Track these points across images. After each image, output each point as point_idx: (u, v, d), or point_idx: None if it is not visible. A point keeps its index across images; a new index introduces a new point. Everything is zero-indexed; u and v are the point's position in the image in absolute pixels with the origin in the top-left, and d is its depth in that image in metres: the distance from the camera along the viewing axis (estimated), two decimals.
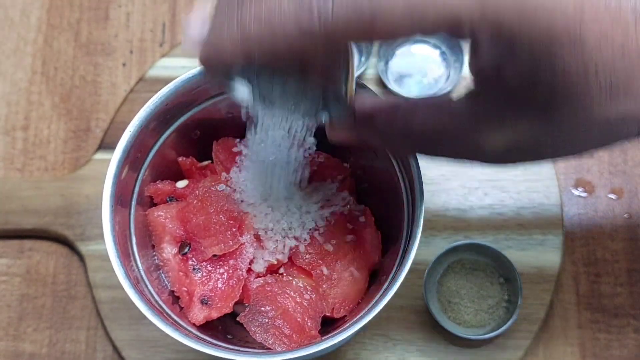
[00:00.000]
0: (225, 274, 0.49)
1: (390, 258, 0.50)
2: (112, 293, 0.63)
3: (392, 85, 0.68)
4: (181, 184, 0.53)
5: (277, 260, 0.50)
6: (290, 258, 0.50)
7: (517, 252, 0.64)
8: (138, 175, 0.50)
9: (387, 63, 0.70)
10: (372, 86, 0.70)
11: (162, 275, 0.51)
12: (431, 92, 0.69)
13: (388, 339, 0.63)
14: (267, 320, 0.47)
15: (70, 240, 0.66)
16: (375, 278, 0.53)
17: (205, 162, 0.54)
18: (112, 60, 0.74)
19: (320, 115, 0.43)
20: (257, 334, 0.47)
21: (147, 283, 0.48)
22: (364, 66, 0.69)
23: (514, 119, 0.33)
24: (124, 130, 0.47)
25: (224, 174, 0.53)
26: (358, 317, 0.45)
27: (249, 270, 0.50)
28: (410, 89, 0.70)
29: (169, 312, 0.48)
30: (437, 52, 0.71)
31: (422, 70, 0.70)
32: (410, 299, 0.64)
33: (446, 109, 0.36)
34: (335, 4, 0.30)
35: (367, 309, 0.46)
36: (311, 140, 0.55)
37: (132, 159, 0.48)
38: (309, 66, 0.35)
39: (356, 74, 0.67)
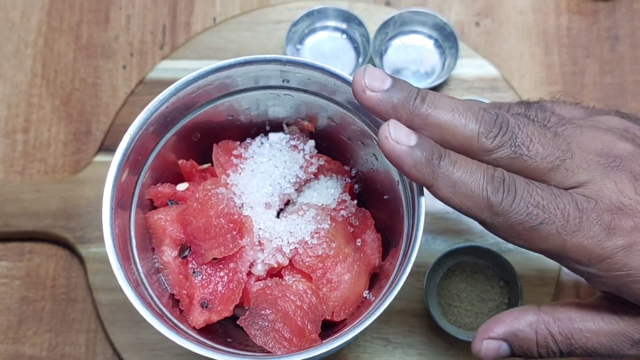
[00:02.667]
0: (226, 277, 0.49)
1: (391, 261, 0.50)
2: (112, 296, 0.63)
3: None
4: (181, 186, 0.53)
5: (278, 263, 0.50)
6: (290, 261, 0.50)
7: (518, 255, 0.64)
8: (138, 178, 0.50)
9: (382, 58, 0.71)
10: None
11: (162, 278, 0.51)
12: (429, 81, 0.70)
13: (388, 342, 0.63)
14: (267, 324, 0.47)
15: (70, 243, 0.66)
16: (375, 281, 0.53)
17: (206, 165, 0.54)
18: (113, 63, 0.74)
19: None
20: (257, 337, 0.47)
21: (147, 286, 0.48)
22: None
23: None
24: (124, 132, 0.47)
25: (224, 176, 0.52)
26: (358, 320, 0.45)
27: (249, 274, 0.50)
28: (408, 81, 0.70)
29: (169, 316, 0.48)
30: (431, 42, 0.72)
31: (416, 61, 0.71)
32: (411, 302, 0.64)
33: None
34: (516, 202, 0.40)
35: (367, 312, 0.45)
36: (311, 142, 0.55)
37: (133, 161, 0.48)
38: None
39: (354, 74, 0.68)
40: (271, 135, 0.55)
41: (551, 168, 0.42)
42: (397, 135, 0.41)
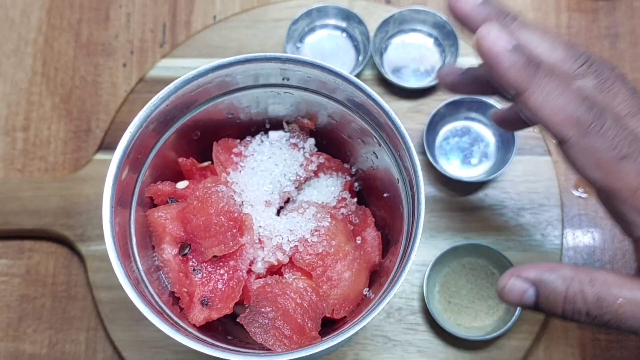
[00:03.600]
0: (226, 274, 0.49)
1: (391, 259, 0.50)
2: (112, 294, 0.63)
3: (390, 76, 0.69)
4: (181, 184, 0.53)
5: (278, 261, 0.50)
6: (290, 259, 0.50)
7: (518, 253, 0.64)
8: (138, 176, 0.50)
9: (382, 56, 0.71)
10: (373, 86, 0.70)
11: (162, 276, 0.51)
12: (429, 79, 0.70)
13: (388, 340, 0.63)
14: (267, 321, 0.47)
15: (70, 241, 0.66)
16: (375, 279, 0.53)
17: (206, 163, 0.54)
18: (113, 61, 0.74)
19: None
20: (257, 335, 0.47)
21: (148, 284, 0.48)
22: (361, 66, 0.69)
23: None
24: (124, 131, 0.47)
25: (224, 174, 0.52)
26: (358, 318, 0.45)
27: (249, 271, 0.50)
28: (408, 79, 0.70)
29: (169, 313, 0.48)
30: (432, 40, 0.72)
31: (417, 60, 0.71)
32: (410, 299, 0.64)
33: None
34: (606, 126, 0.40)
35: (367, 310, 0.45)
36: (311, 140, 0.55)
37: (133, 159, 0.48)
38: None
39: (354, 72, 0.68)
40: (271, 133, 0.55)
41: (630, 112, 0.42)
42: (496, 35, 0.42)
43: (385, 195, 0.53)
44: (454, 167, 0.67)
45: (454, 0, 0.44)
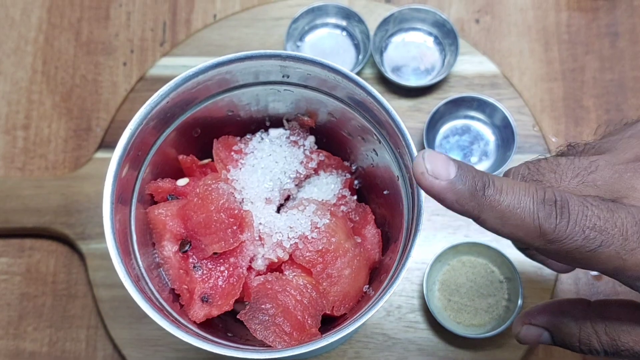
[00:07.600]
0: (226, 271, 0.49)
1: (390, 257, 0.50)
2: (113, 292, 0.63)
3: (390, 75, 0.69)
4: (182, 182, 0.53)
5: (278, 258, 0.50)
6: (290, 256, 0.50)
7: (517, 252, 0.64)
8: (138, 174, 0.50)
9: (382, 55, 0.71)
10: (373, 84, 0.70)
11: (163, 273, 0.51)
12: (429, 78, 0.70)
13: (388, 338, 0.63)
14: (267, 318, 0.47)
15: (70, 239, 0.66)
16: (375, 276, 0.53)
17: (206, 160, 0.55)
18: (113, 60, 0.74)
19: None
20: (258, 332, 0.47)
21: (148, 281, 0.48)
22: (361, 64, 0.69)
23: None
24: (124, 129, 0.47)
25: (224, 172, 0.53)
26: (358, 315, 0.45)
27: (250, 268, 0.50)
28: (408, 78, 0.70)
29: (170, 310, 0.48)
30: (431, 39, 0.72)
31: (417, 58, 0.71)
32: (410, 297, 0.64)
33: None
34: (570, 226, 0.36)
35: (367, 307, 0.45)
36: (311, 138, 0.55)
37: (133, 157, 0.48)
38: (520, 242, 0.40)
39: (355, 71, 0.68)
40: (271, 130, 0.55)
41: (577, 185, 0.39)
42: (434, 169, 0.37)
43: (385, 192, 0.53)
44: None
45: (420, 178, 0.37)
